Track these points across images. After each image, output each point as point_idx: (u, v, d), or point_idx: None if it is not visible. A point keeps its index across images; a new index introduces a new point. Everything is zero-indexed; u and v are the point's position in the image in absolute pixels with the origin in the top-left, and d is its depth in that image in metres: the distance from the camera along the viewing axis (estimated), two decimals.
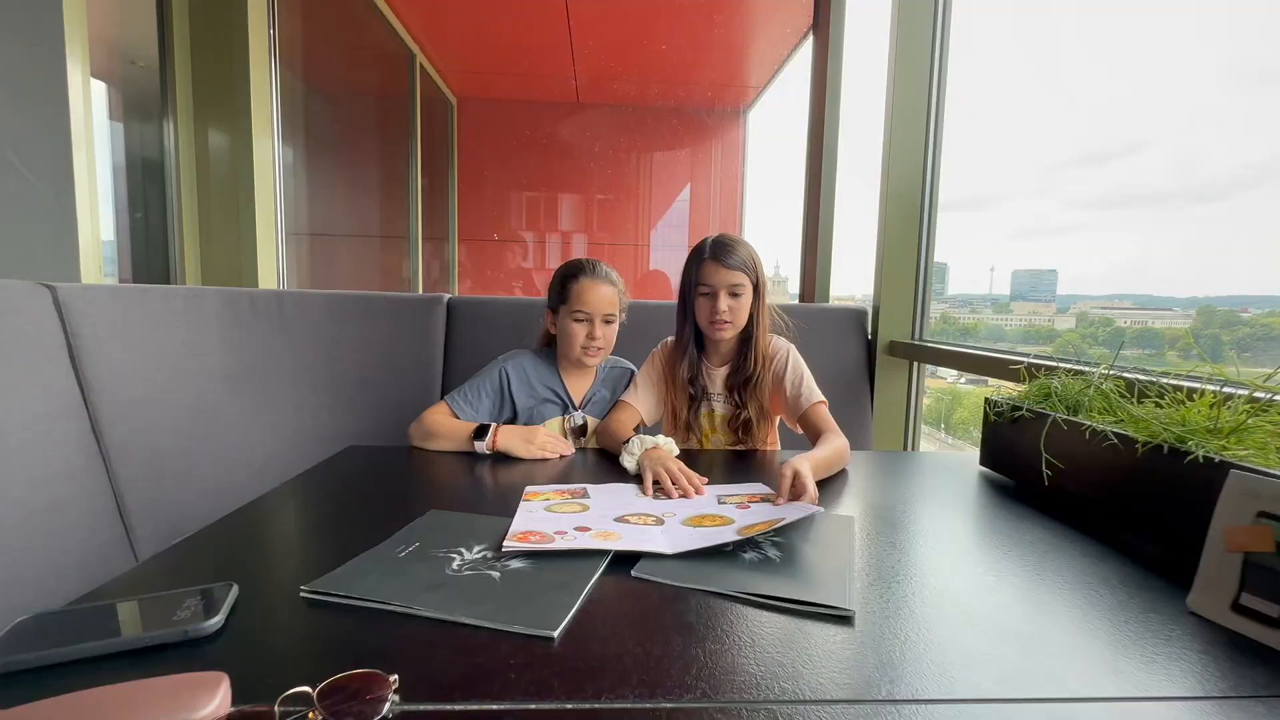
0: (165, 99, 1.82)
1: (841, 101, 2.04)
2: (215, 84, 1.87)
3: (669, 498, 0.89)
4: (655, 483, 0.93)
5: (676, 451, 1.04)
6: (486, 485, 1.00)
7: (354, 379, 1.63)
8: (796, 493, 0.86)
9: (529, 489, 0.91)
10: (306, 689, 0.42)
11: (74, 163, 1.34)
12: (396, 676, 0.44)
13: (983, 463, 1.08)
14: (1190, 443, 0.69)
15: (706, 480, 0.94)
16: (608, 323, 1.28)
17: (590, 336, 1.26)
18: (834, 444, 1.08)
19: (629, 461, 1.02)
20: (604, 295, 1.27)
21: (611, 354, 1.37)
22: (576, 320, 1.27)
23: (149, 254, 1.87)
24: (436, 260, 4.15)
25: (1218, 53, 1.15)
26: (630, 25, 3.29)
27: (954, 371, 1.99)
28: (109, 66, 1.79)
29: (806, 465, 0.90)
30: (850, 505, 0.90)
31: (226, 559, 0.69)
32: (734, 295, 1.21)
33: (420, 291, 3.47)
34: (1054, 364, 1.09)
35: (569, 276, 1.28)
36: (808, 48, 2.19)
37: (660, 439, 1.06)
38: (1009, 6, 1.77)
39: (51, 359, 1.13)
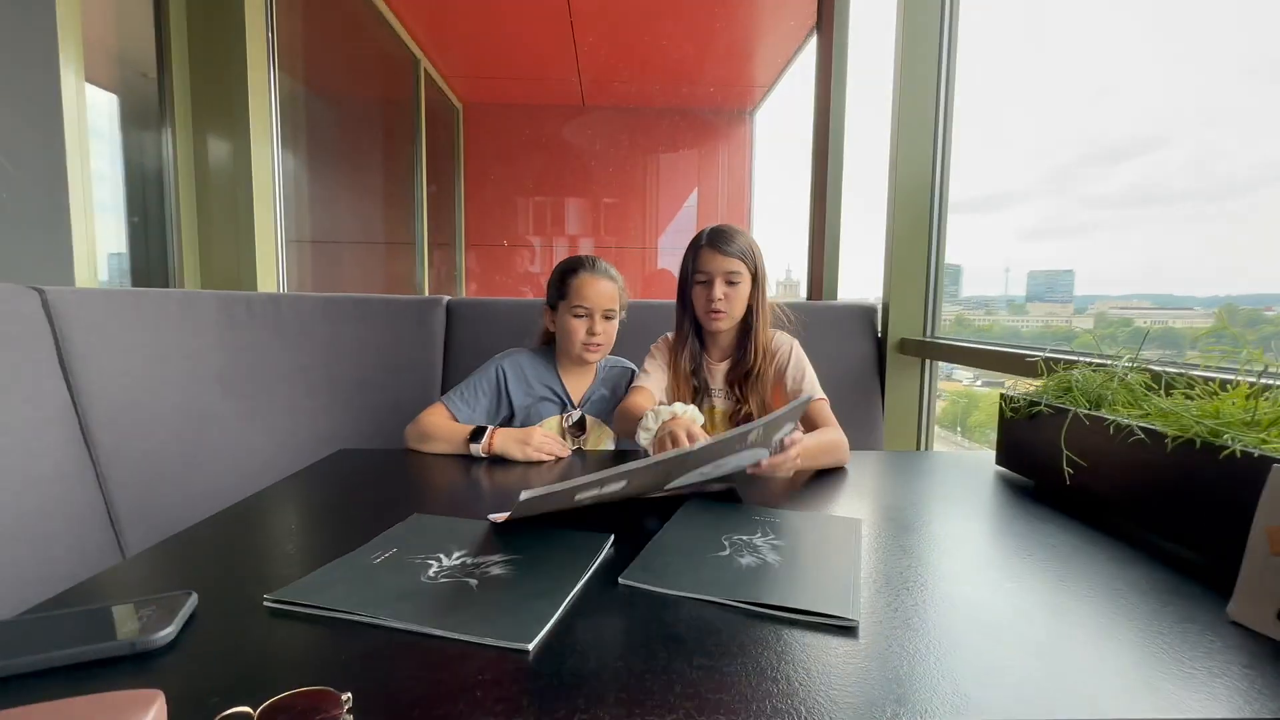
0: (163, 106, 1.82)
1: (847, 98, 2.00)
2: (213, 91, 1.87)
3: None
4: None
5: (701, 420, 0.96)
6: (479, 488, 0.96)
7: (353, 382, 1.60)
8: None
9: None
10: (247, 709, 0.38)
11: (68, 167, 1.33)
12: (350, 695, 0.40)
13: (999, 462, 1.03)
14: (1226, 436, 0.63)
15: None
16: (608, 318, 1.25)
17: (590, 332, 1.23)
18: (828, 435, 1.05)
19: (645, 438, 0.95)
20: (603, 290, 1.24)
21: (612, 353, 1.34)
22: (576, 316, 1.24)
23: (149, 262, 1.86)
24: (444, 266, 4.15)
25: (1234, 46, 1.11)
26: (632, 27, 3.27)
27: (969, 373, 1.93)
28: (120, 79, 1.79)
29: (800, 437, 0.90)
30: (857, 507, 0.85)
31: (196, 565, 0.65)
32: (730, 283, 1.18)
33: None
34: (1073, 358, 1.03)
35: (568, 272, 1.26)
36: (813, 46, 2.15)
37: (679, 406, 0.97)
38: (1019, 2, 1.72)
39: (40, 362, 1.11)
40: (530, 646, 0.48)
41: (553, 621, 0.51)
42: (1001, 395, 1.00)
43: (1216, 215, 1.20)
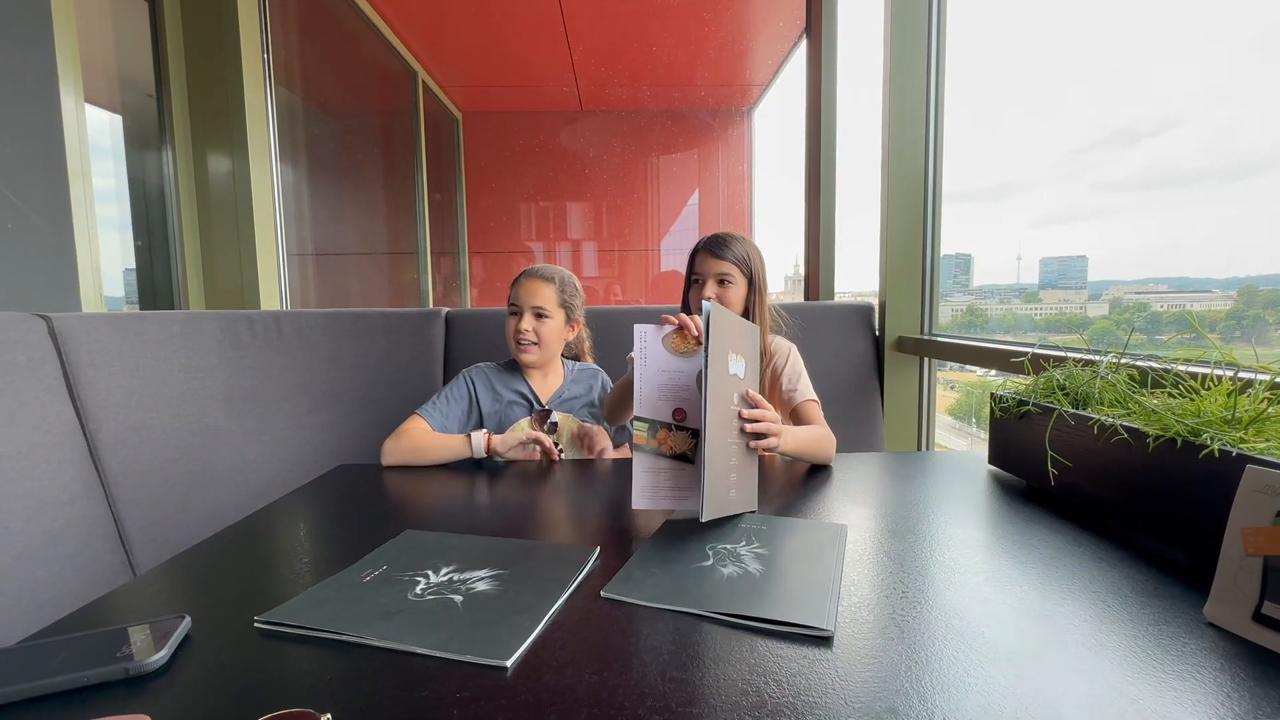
0: (163, 126, 1.86)
1: (838, 100, 2.00)
2: (211, 110, 1.90)
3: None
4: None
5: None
6: (475, 501, 0.98)
7: (354, 396, 1.63)
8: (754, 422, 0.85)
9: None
10: None
11: (71, 193, 1.36)
12: (330, 715, 0.42)
13: (992, 461, 1.03)
14: (1205, 435, 0.63)
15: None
16: (539, 316, 1.29)
17: (518, 329, 1.28)
18: (820, 429, 1.11)
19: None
20: (532, 289, 1.29)
21: (610, 356, 1.36)
22: (510, 314, 1.31)
23: (154, 279, 1.90)
24: (448, 273, 4.18)
25: (1249, 20, 1.09)
26: (625, 33, 3.28)
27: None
28: (124, 99, 1.83)
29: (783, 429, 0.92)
30: (846, 512, 0.85)
31: (192, 588, 0.67)
32: (722, 283, 1.21)
33: (430, 305, 3.49)
34: (1072, 354, 1.03)
35: (514, 282, 1.33)
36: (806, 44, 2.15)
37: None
38: None
39: (48, 388, 1.14)
40: (508, 663, 0.49)
41: (532, 637, 0.52)
42: (991, 395, 1.00)
43: (1233, 195, 1.17)
